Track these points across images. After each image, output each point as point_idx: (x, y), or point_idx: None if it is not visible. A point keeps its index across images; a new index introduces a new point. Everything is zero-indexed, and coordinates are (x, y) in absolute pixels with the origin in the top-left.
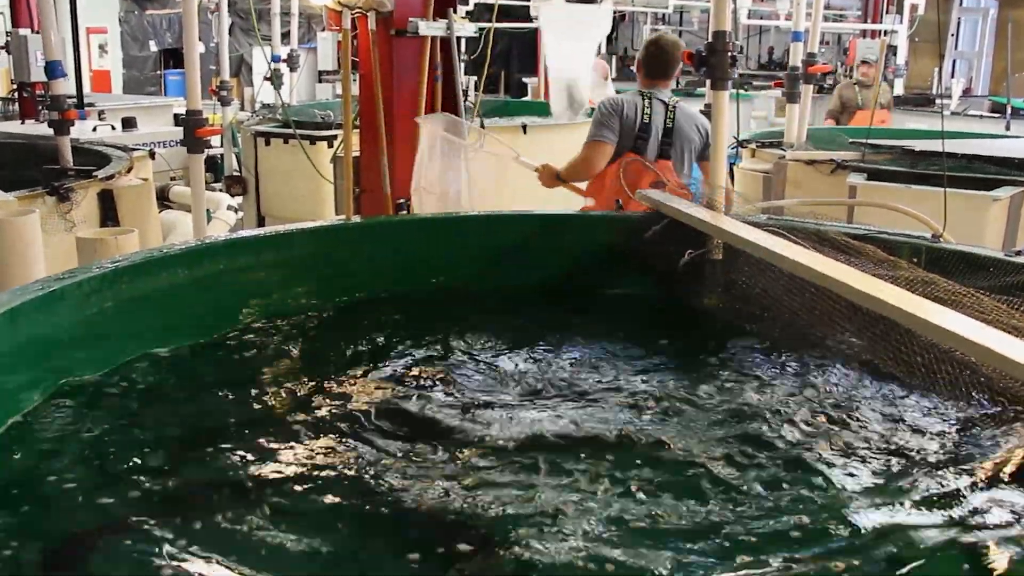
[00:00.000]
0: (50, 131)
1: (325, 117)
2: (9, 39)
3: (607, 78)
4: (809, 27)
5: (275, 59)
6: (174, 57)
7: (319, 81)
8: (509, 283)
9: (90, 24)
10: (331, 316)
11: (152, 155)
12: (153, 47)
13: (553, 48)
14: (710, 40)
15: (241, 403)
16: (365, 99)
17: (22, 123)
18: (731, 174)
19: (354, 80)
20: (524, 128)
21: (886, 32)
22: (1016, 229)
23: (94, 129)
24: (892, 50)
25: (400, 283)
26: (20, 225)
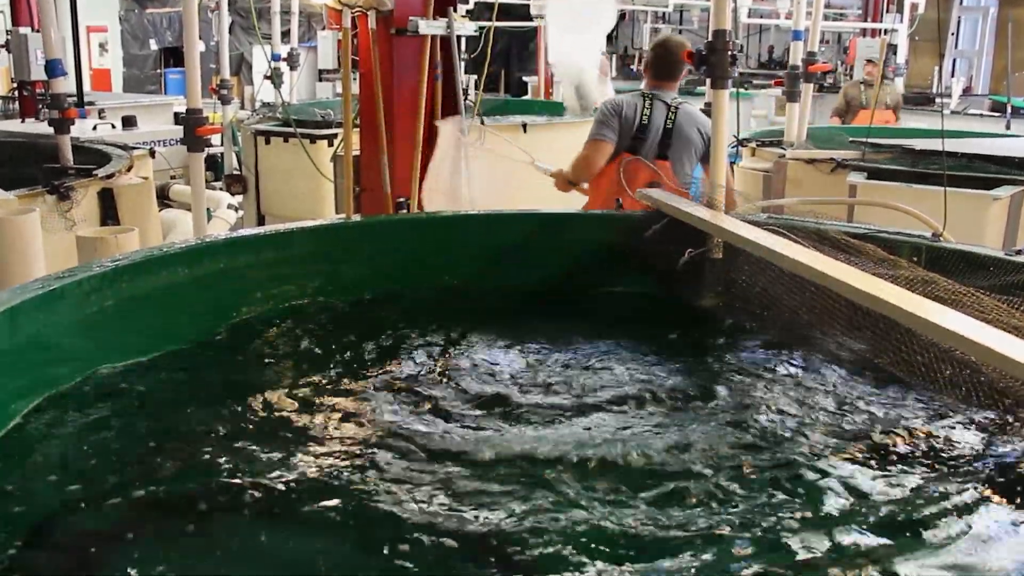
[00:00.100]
0: (50, 130)
1: (325, 116)
2: (9, 37)
3: (607, 76)
4: (809, 26)
5: (275, 58)
6: (174, 56)
7: (319, 80)
8: (509, 282)
9: (90, 22)
10: (331, 315)
11: (152, 154)
12: (153, 45)
13: (557, 42)
14: (710, 39)
15: (240, 403)
16: (365, 98)
17: (22, 122)
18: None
19: (354, 79)
20: (524, 127)
21: (886, 31)
22: (1016, 228)
23: (94, 128)
24: (892, 49)
25: (400, 282)
26: (20, 224)
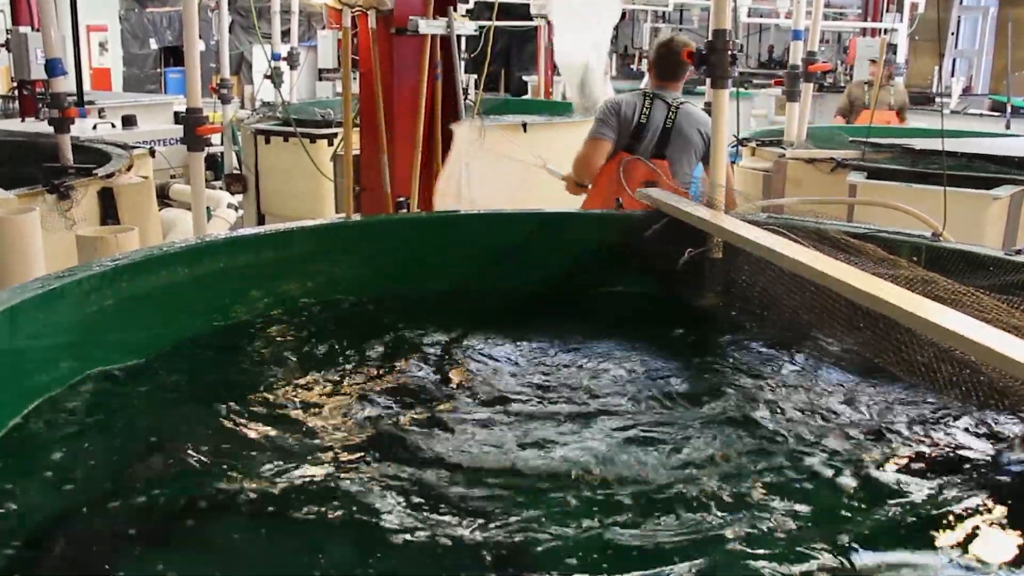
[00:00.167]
0: (50, 129)
1: (325, 115)
2: (9, 37)
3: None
4: (809, 25)
5: (275, 57)
6: (174, 55)
7: (319, 79)
8: (509, 282)
9: (90, 22)
10: (331, 315)
11: (152, 153)
12: (153, 45)
13: (563, 38)
14: (710, 38)
15: (239, 403)
16: (365, 97)
17: (22, 121)
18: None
19: (354, 78)
20: (524, 126)
21: (886, 30)
22: (1016, 228)
23: (94, 127)
24: (892, 49)
25: (400, 282)
26: (20, 223)
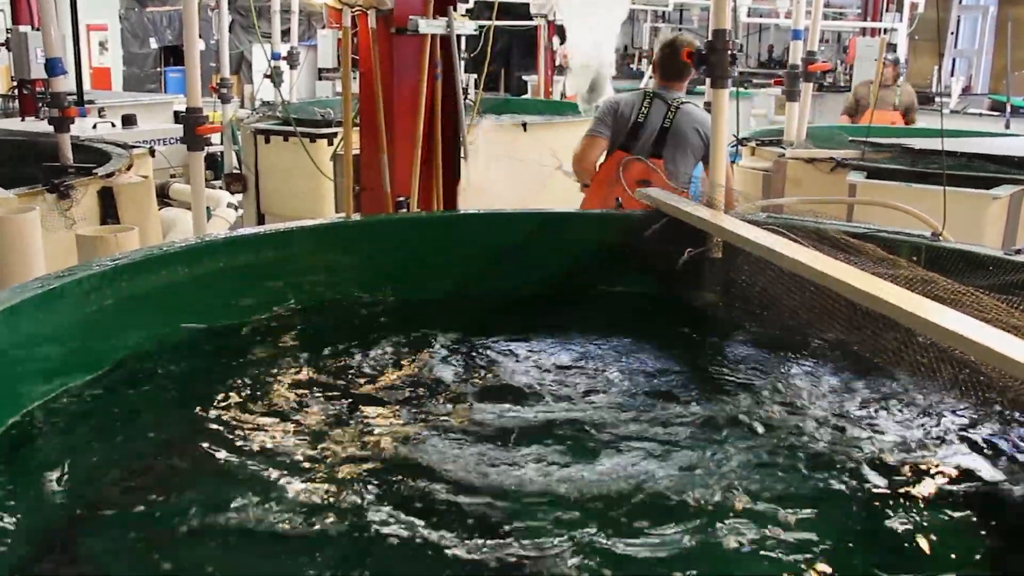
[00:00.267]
0: (50, 128)
1: (325, 115)
2: (9, 36)
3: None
4: (809, 25)
5: (275, 56)
6: (174, 54)
7: (319, 79)
8: (509, 282)
9: (90, 21)
10: (330, 315)
11: (152, 152)
12: (153, 44)
13: (575, 32)
14: (710, 38)
15: (238, 404)
16: (365, 97)
17: (22, 120)
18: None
19: (354, 78)
20: (524, 126)
21: (886, 30)
22: (1016, 227)
23: (94, 126)
24: (892, 48)
25: (400, 282)
26: (20, 222)
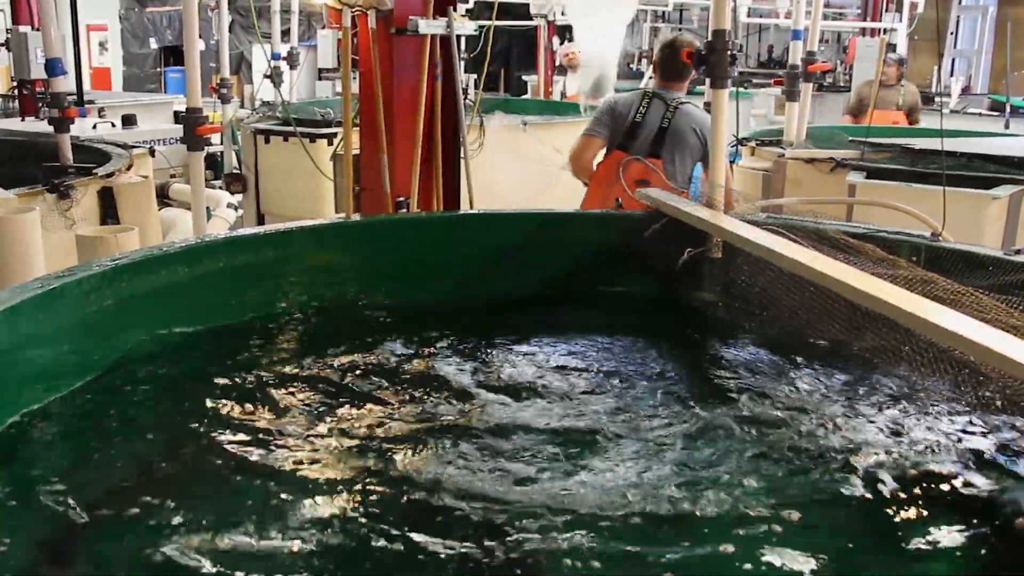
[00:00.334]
0: (50, 128)
1: (325, 115)
2: (9, 36)
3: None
4: (809, 25)
5: (275, 57)
6: (174, 54)
7: (319, 79)
8: (509, 282)
9: (90, 21)
10: (329, 316)
11: (152, 153)
12: (153, 44)
13: (583, 30)
14: (710, 39)
15: (236, 405)
16: (365, 97)
17: (22, 120)
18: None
19: (354, 78)
20: (524, 124)
21: (885, 30)
22: (1015, 228)
23: (94, 126)
24: (891, 48)
25: (400, 282)
26: (20, 223)
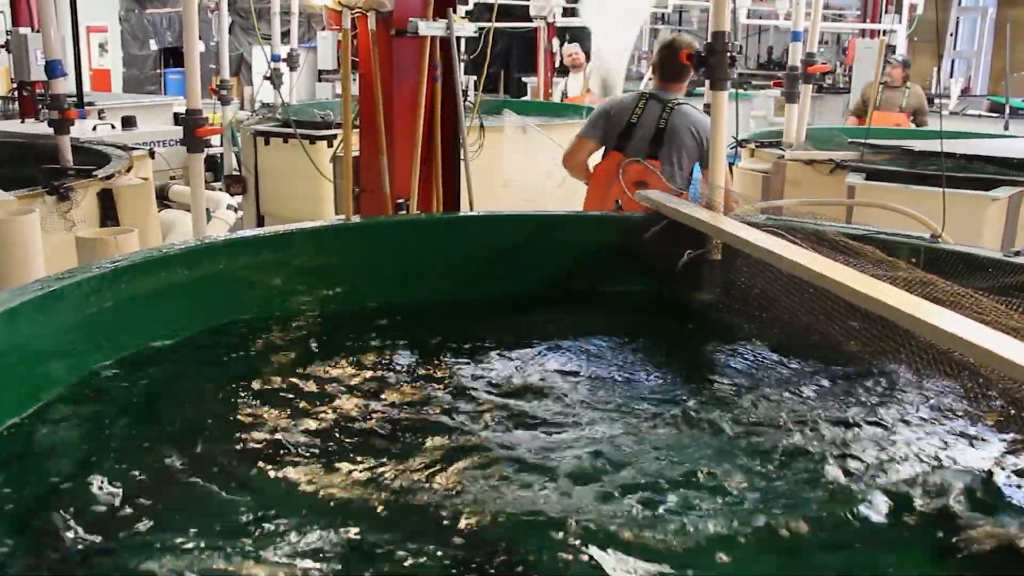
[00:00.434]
0: (50, 130)
1: (325, 116)
2: (9, 38)
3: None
4: (808, 27)
5: (275, 58)
6: (174, 56)
7: (319, 80)
8: (509, 283)
9: (90, 23)
10: (329, 317)
11: (152, 154)
12: (153, 46)
13: (600, 31)
14: (709, 40)
15: (235, 405)
16: (365, 99)
17: (22, 122)
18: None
19: (354, 80)
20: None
21: (885, 32)
22: (1015, 229)
23: (94, 128)
24: (891, 50)
25: (400, 283)
26: (20, 224)
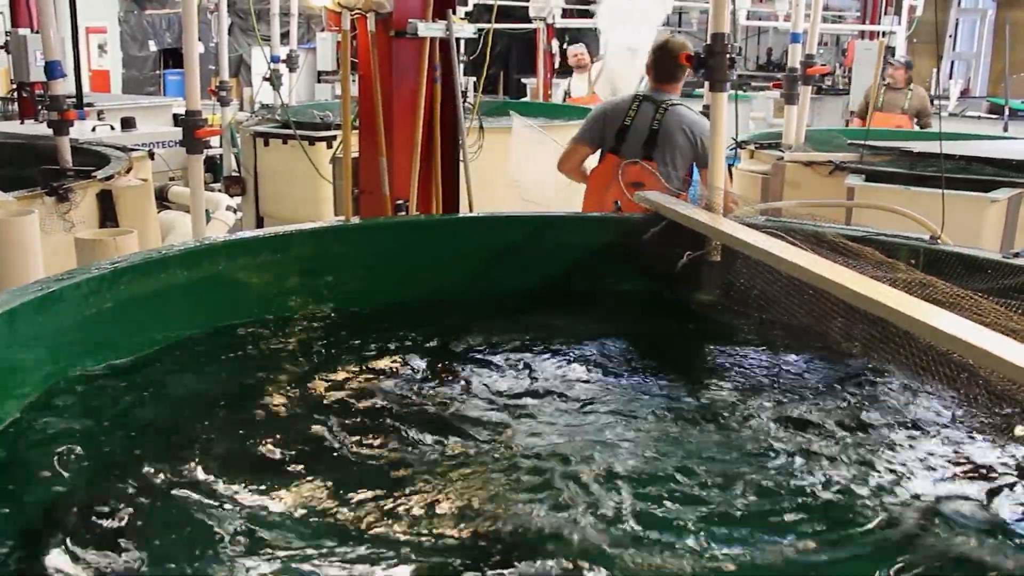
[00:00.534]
0: (49, 131)
1: (324, 118)
2: (9, 39)
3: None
4: (808, 28)
5: (274, 59)
6: (173, 57)
7: (318, 81)
8: (509, 284)
9: (89, 24)
10: (328, 318)
11: (151, 155)
12: (152, 47)
13: (614, 36)
14: (709, 42)
15: (234, 406)
16: (364, 100)
17: (21, 123)
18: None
19: (353, 81)
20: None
21: (884, 33)
22: (1014, 231)
23: (93, 129)
24: (891, 51)
25: (399, 284)
26: (19, 225)
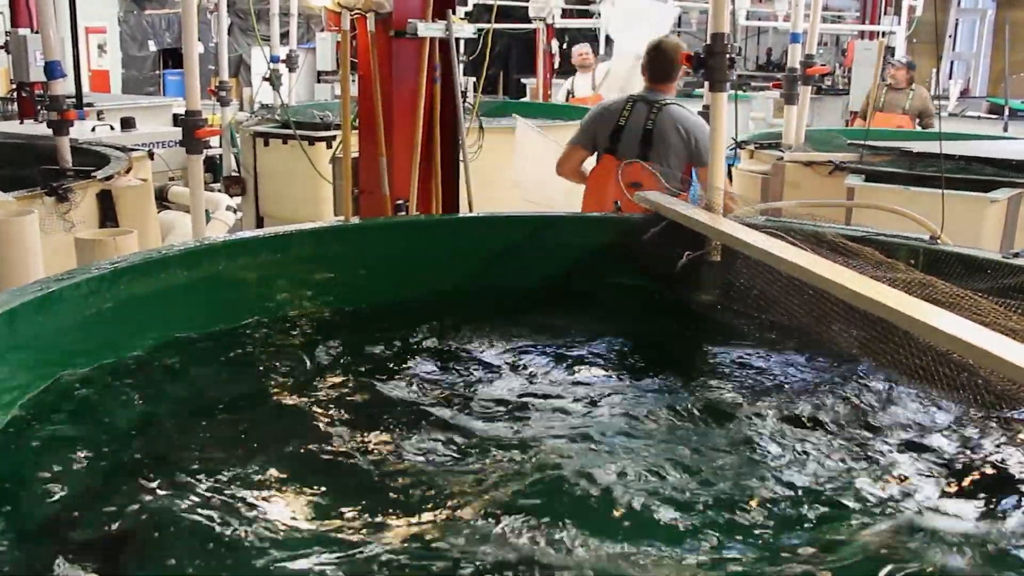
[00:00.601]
0: (49, 131)
1: (324, 118)
2: (8, 39)
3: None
4: (807, 28)
5: (274, 59)
6: (173, 57)
7: (318, 81)
8: (509, 284)
9: (89, 24)
10: (328, 319)
11: (151, 155)
12: (152, 47)
13: (621, 40)
14: (708, 42)
15: (234, 407)
16: (364, 100)
17: (21, 123)
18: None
19: (353, 81)
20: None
21: (884, 33)
22: (1014, 231)
23: (93, 129)
24: (890, 51)
25: (399, 284)
26: (19, 225)
